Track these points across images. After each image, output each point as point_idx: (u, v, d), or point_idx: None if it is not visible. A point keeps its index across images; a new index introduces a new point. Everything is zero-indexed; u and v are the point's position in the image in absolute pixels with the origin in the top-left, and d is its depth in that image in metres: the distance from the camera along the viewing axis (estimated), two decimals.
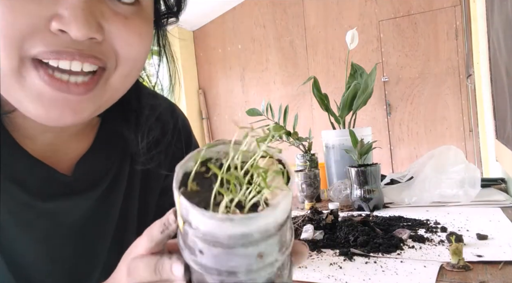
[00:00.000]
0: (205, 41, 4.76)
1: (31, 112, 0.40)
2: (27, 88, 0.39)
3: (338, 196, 1.36)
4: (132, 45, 0.43)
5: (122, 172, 0.56)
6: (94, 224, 0.52)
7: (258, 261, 0.29)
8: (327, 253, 0.88)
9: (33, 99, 0.39)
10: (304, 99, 4.33)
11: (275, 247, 0.30)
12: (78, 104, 0.41)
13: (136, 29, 0.43)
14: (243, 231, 0.28)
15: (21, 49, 0.37)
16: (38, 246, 0.48)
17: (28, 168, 0.47)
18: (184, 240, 0.31)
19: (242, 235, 0.28)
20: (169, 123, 0.63)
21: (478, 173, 1.19)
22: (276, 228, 0.29)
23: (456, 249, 0.72)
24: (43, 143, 0.49)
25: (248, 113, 1.56)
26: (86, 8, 0.38)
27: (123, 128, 0.55)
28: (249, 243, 0.28)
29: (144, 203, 0.60)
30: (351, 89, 1.47)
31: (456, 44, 3.71)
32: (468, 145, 3.71)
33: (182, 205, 0.29)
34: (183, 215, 0.30)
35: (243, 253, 0.28)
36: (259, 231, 0.28)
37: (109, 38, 0.41)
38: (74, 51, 0.39)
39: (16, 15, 0.36)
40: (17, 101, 0.40)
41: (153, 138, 0.56)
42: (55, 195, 0.49)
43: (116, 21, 0.41)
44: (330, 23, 4.18)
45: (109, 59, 0.42)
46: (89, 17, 0.38)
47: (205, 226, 0.28)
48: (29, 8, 0.36)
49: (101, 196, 0.53)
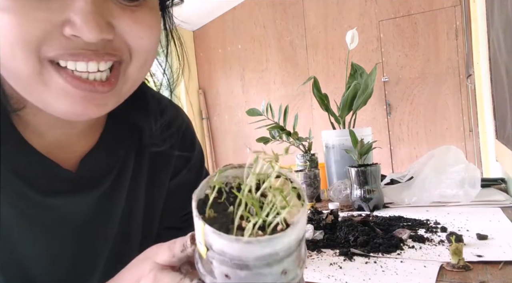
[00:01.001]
0: (205, 41, 4.76)
1: (56, 111, 0.42)
2: (51, 89, 0.40)
3: (338, 196, 1.36)
4: (143, 38, 0.44)
5: (126, 169, 0.56)
6: (96, 222, 0.52)
7: (283, 278, 0.31)
8: (327, 253, 0.88)
9: (58, 98, 0.41)
10: (304, 99, 4.32)
11: (296, 263, 0.31)
12: (102, 99, 0.43)
13: (144, 21, 0.44)
14: (270, 251, 0.29)
15: (39, 53, 0.38)
16: (40, 242, 0.48)
17: (33, 163, 0.47)
18: (206, 267, 0.32)
19: (269, 255, 0.29)
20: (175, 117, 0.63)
21: (478, 173, 1.19)
22: (297, 245, 0.31)
23: (456, 249, 0.72)
24: (51, 139, 0.49)
25: (248, 113, 1.56)
26: (94, 11, 0.38)
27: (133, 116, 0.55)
28: (274, 261, 0.30)
29: (150, 200, 0.60)
30: (351, 89, 1.47)
31: (456, 44, 3.71)
32: (468, 145, 3.71)
33: (207, 233, 0.30)
34: (207, 242, 0.31)
35: (269, 272, 0.30)
36: (283, 249, 0.29)
37: (120, 34, 0.42)
38: (90, 53, 0.40)
39: (29, 23, 0.37)
40: (41, 101, 0.41)
41: (165, 120, 0.57)
42: (59, 191, 0.49)
43: (124, 16, 0.42)
44: (330, 23, 4.18)
45: (123, 53, 0.43)
46: (98, 19, 0.38)
47: (233, 251, 0.29)
48: (40, 15, 0.37)
49: (104, 193, 0.53)
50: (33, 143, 0.48)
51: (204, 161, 0.70)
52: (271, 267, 0.30)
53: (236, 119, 4.67)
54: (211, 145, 4.79)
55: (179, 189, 0.63)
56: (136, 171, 0.57)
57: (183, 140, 0.64)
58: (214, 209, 0.33)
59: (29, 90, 0.41)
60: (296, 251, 0.31)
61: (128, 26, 0.42)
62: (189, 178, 0.64)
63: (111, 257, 0.54)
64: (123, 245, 0.56)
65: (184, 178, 0.64)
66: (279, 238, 0.29)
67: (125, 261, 0.43)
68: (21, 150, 0.46)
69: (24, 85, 0.40)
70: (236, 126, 4.66)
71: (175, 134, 0.60)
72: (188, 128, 0.66)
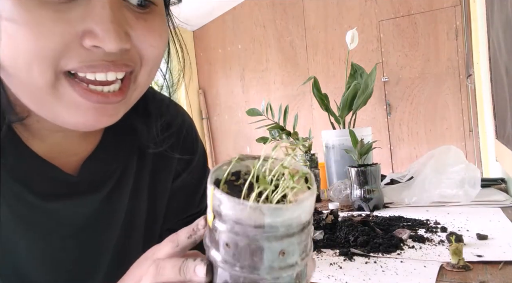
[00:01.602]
0: (205, 41, 4.76)
1: (67, 122, 0.42)
2: (63, 101, 0.40)
3: (338, 196, 1.36)
4: (154, 46, 0.44)
5: (128, 172, 0.55)
6: (97, 225, 0.52)
7: (280, 259, 0.31)
8: (327, 253, 0.88)
9: (70, 111, 0.41)
10: (304, 99, 4.32)
11: (297, 248, 0.32)
12: (114, 109, 0.43)
13: (156, 30, 0.44)
14: (270, 222, 0.30)
15: (57, 67, 0.38)
16: (40, 246, 0.48)
17: (33, 167, 0.47)
18: (211, 236, 0.33)
19: (269, 227, 0.30)
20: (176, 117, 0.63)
21: (478, 173, 1.19)
22: (299, 228, 0.31)
23: (456, 249, 0.72)
24: (52, 143, 0.49)
25: (248, 113, 1.56)
26: (114, 20, 0.38)
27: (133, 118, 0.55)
28: (273, 237, 0.30)
29: (153, 203, 0.59)
30: (351, 89, 1.47)
31: (456, 44, 3.71)
32: (468, 145, 3.71)
33: (215, 197, 0.31)
34: (214, 207, 0.32)
35: (267, 246, 0.30)
36: (284, 225, 0.30)
37: (135, 43, 0.42)
38: (109, 64, 0.40)
39: (48, 36, 0.36)
40: (51, 113, 0.41)
41: (164, 122, 0.57)
42: (60, 195, 0.49)
43: (139, 26, 0.42)
44: (330, 23, 4.18)
45: (137, 63, 0.43)
46: (118, 28, 0.38)
47: (235, 215, 0.30)
48: (59, 28, 0.36)
49: (105, 196, 0.52)
50: (34, 147, 0.47)
51: (207, 162, 0.69)
52: (270, 242, 0.30)
53: (236, 119, 4.67)
54: (211, 145, 4.79)
55: (181, 190, 0.63)
56: (138, 173, 0.57)
57: (185, 141, 0.63)
58: (230, 189, 0.34)
59: (39, 102, 0.40)
60: (298, 235, 0.31)
61: (143, 35, 0.42)
62: (191, 179, 0.64)
63: (113, 260, 0.54)
64: (125, 248, 0.55)
65: (186, 180, 0.63)
66: (281, 209, 0.29)
67: (128, 264, 0.42)
68: (20, 154, 0.46)
69: (34, 98, 0.40)
70: (236, 126, 4.66)
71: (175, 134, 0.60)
72: (190, 129, 0.66)
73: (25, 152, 0.46)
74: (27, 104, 0.41)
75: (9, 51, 0.36)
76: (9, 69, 0.38)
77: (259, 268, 0.31)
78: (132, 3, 0.41)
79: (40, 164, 0.47)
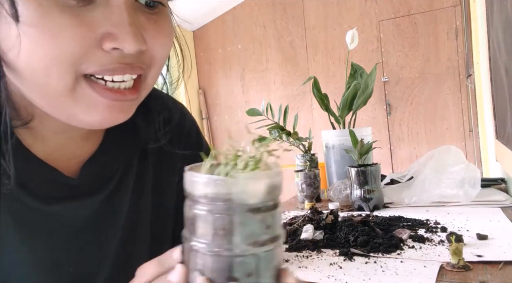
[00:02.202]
0: (205, 41, 4.76)
1: (84, 121, 0.42)
2: (81, 102, 0.41)
3: (338, 196, 1.36)
4: (164, 47, 0.45)
5: (129, 173, 0.55)
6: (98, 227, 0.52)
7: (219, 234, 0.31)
8: (327, 253, 0.88)
9: (87, 110, 0.41)
10: (304, 99, 4.32)
11: (238, 230, 0.31)
12: (129, 107, 0.44)
13: (165, 30, 0.45)
14: (209, 192, 0.31)
15: (77, 71, 0.39)
16: (40, 248, 0.47)
17: (33, 170, 0.47)
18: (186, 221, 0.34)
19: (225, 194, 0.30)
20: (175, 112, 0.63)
21: (478, 173, 1.19)
22: (243, 208, 0.31)
23: (456, 249, 0.72)
24: (54, 145, 0.49)
25: (248, 113, 1.56)
26: (132, 23, 0.39)
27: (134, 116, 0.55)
28: (213, 210, 0.31)
29: (158, 203, 0.58)
30: (351, 89, 1.47)
31: (456, 44, 3.71)
32: (468, 145, 3.71)
33: (186, 179, 0.33)
34: (187, 190, 0.33)
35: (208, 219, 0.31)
36: (220, 198, 0.31)
37: (149, 45, 0.43)
38: (126, 66, 0.41)
39: (69, 41, 0.37)
40: (66, 114, 0.42)
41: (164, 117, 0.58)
42: (60, 198, 0.48)
43: (151, 27, 0.43)
44: (330, 23, 4.18)
45: (147, 64, 0.44)
46: (136, 30, 0.39)
47: (199, 190, 0.31)
48: (79, 32, 0.37)
49: (106, 197, 0.52)
50: (35, 149, 0.47)
51: None
52: (212, 214, 0.31)
53: (236, 119, 4.67)
54: (211, 145, 4.78)
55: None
56: (140, 173, 0.56)
57: (188, 136, 0.63)
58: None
59: (55, 104, 0.41)
60: (240, 215, 0.31)
61: (155, 37, 0.43)
62: None
63: (116, 261, 0.53)
64: (129, 249, 0.54)
65: None
66: (235, 179, 0.30)
67: (132, 266, 0.41)
68: (20, 156, 0.45)
69: (50, 100, 0.40)
70: (236, 126, 4.66)
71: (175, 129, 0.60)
72: (192, 128, 0.65)
73: (25, 155, 0.46)
74: (41, 106, 0.41)
75: (28, 55, 0.37)
76: (25, 73, 0.38)
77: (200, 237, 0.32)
78: (142, 3, 0.42)
79: (40, 166, 0.47)
